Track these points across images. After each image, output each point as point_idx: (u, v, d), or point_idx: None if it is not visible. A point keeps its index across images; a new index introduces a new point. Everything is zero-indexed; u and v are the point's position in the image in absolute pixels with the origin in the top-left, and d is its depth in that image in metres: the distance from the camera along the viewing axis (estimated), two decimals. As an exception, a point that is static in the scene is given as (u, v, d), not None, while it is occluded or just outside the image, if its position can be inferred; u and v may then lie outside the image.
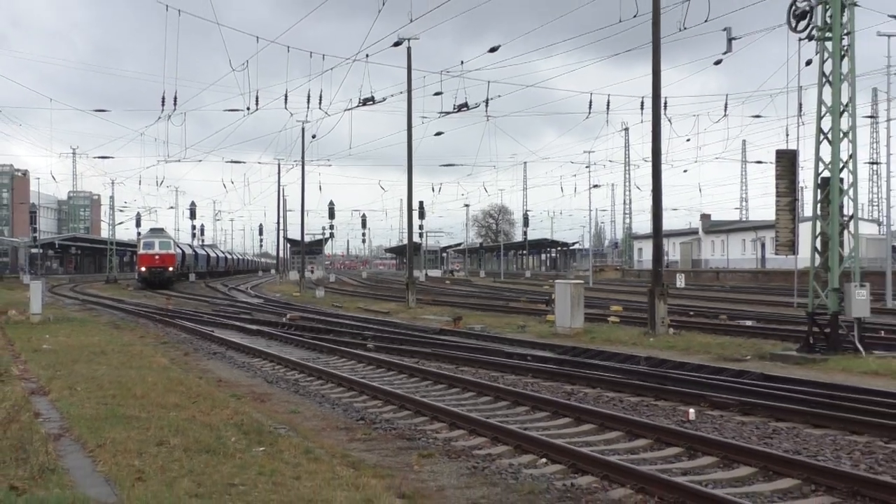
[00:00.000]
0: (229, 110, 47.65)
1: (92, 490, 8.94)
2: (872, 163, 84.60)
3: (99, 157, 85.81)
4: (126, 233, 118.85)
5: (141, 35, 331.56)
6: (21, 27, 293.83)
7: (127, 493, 8.88)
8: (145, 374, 18.33)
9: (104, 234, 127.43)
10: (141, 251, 77.98)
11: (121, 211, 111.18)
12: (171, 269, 77.10)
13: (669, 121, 40.13)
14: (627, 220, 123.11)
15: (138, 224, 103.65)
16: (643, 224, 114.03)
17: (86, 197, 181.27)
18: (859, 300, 22.35)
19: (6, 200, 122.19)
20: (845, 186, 22.65)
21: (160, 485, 9.30)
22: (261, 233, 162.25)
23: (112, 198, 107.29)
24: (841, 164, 22.46)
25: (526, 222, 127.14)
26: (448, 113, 42.99)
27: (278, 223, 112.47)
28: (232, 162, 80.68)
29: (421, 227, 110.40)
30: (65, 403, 14.54)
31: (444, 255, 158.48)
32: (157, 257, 75.83)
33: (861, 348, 21.93)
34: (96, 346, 24.70)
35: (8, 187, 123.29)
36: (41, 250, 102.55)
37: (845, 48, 22.38)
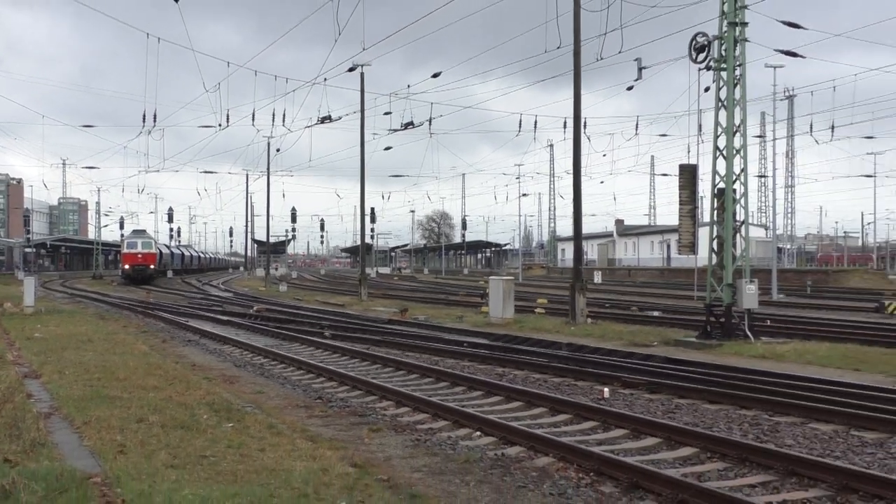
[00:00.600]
0: (203, 126, 47.03)
1: (78, 462, 8.84)
2: (761, 176, 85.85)
3: (86, 168, 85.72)
4: (110, 234, 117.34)
5: (124, 59, 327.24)
6: (15, 50, 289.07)
7: (110, 465, 8.81)
8: (127, 360, 18.13)
9: (91, 235, 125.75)
10: (125, 251, 76.10)
11: (106, 215, 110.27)
12: (152, 266, 75.34)
13: (588, 138, 40.25)
14: (552, 225, 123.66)
15: (121, 227, 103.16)
16: (566, 227, 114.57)
17: (74, 203, 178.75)
18: (749, 294, 22.68)
19: (2, 206, 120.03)
20: (738, 196, 22.96)
21: (140, 457, 9.23)
22: (231, 234, 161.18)
23: (98, 203, 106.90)
24: (734, 177, 22.76)
25: (464, 226, 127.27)
26: (396, 130, 43.00)
27: (246, 226, 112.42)
28: (205, 172, 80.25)
29: (372, 230, 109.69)
30: (54, 385, 14.39)
31: (393, 254, 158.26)
32: (139, 256, 74.10)
33: (750, 335, 22.24)
34: (83, 334, 24.39)
35: (4, 194, 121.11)
36: (34, 250, 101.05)
37: (738, 77, 22.70)
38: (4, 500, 7.23)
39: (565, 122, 44.79)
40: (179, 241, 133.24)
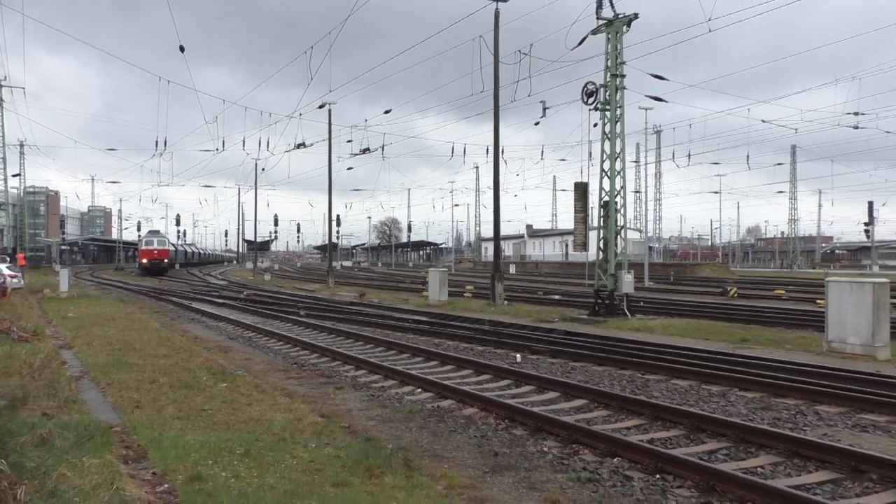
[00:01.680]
0: (203, 150, 47.08)
1: (102, 415, 8.72)
2: (636, 192, 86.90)
3: (110, 182, 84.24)
4: (130, 235, 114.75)
5: (140, 96, 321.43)
6: (50, 88, 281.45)
7: (128, 417, 8.70)
8: (142, 334, 17.83)
9: (114, 235, 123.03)
10: (143, 247, 72.81)
11: (126, 220, 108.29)
12: (166, 260, 72.35)
13: (505, 162, 40.68)
14: (478, 228, 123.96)
15: (139, 229, 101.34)
16: (488, 230, 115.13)
17: (101, 210, 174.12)
18: (627, 281, 23.03)
19: (43, 212, 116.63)
20: (619, 207, 23.26)
21: (152, 411, 9.12)
22: (226, 235, 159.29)
23: (120, 210, 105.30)
24: (616, 193, 23.06)
25: (409, 229, 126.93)
26: (356, 154, 42.59)
27: (238, 229, 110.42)
28: (205, 186, 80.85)
29: (338, 231, 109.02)
30: (83, 354, 14.15)
31: (354, 251, 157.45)
32: (156, 252, 70.94)
33: (628, 313, 22.59)
34: (107, 314, 23.92)
35: (44, 203, 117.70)
36: (68, 247, 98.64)
37: (618, 116, 22.99)
38: (42, 446, 7.11)
39: (487, 149, 45.40)
40: (185, 241, 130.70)
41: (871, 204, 70.48)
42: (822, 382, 11.37)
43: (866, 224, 71.14)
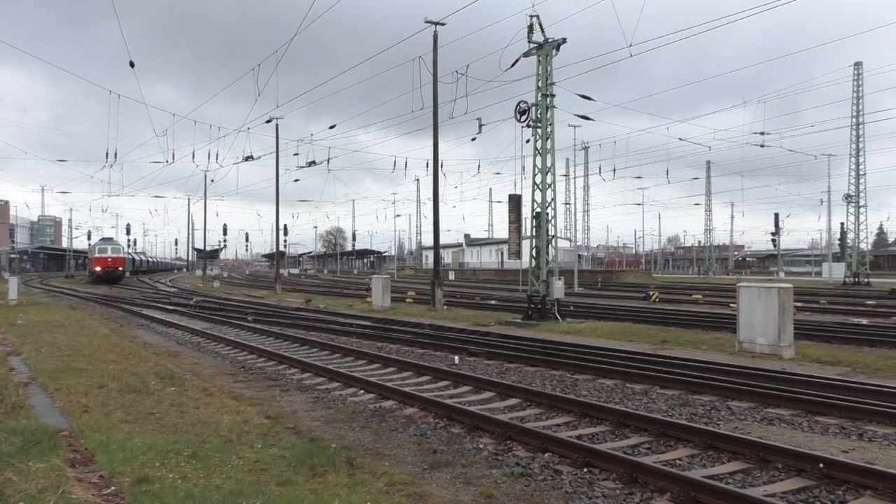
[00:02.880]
0: (154, 162, 45.93)
1: (51, 420, 8.41)
2: (566, 203, 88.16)
3: (60, 192, 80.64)
4: (79, 244, 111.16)
5: (90, 109, 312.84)
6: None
7: (76, 421, 8.41)
8: (92, 340, 17.29)
9: (64, 244, 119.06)
10: (96, 255, 67.50)
11: (76, 229, 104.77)
12: (121, 268, 67.90)
13: (444, 175, 41.00)
14: (419, 237, 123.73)
15: (89, 238, 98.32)
16: (428, 239, 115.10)
17: (50, 219, 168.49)
18: (558, 287, 23.32)
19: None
20: (550, 218, 23.55)
21: (100, 415, 8.83)
22: (176, 244, 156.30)
23: (70, 220, 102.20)
24: (547, 204, 23.34)
25: (354, 238, 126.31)
26: (302, 167, 42.24)
27: (188, 238, 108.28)
28: (155, 197, 79.41)
29: (285, 240, 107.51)
30: (32, 360, 13.63)
31: (301, 259, 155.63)
32: (110, 259, 66.40)
33: (559, 317, 22.85)
34: (57, 321, 23.13)
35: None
36: (18, 256, 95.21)
37: (549, 133, 23.31)
38: (-11, 451, 6.81)
39: (427, 163, 44.89)
40: (135, 249, 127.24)
41: (776, 215, 72.93)
42: (734, 380, 11.66)
43: (773, 234, 73.49)
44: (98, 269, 66.12)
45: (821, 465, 6.85)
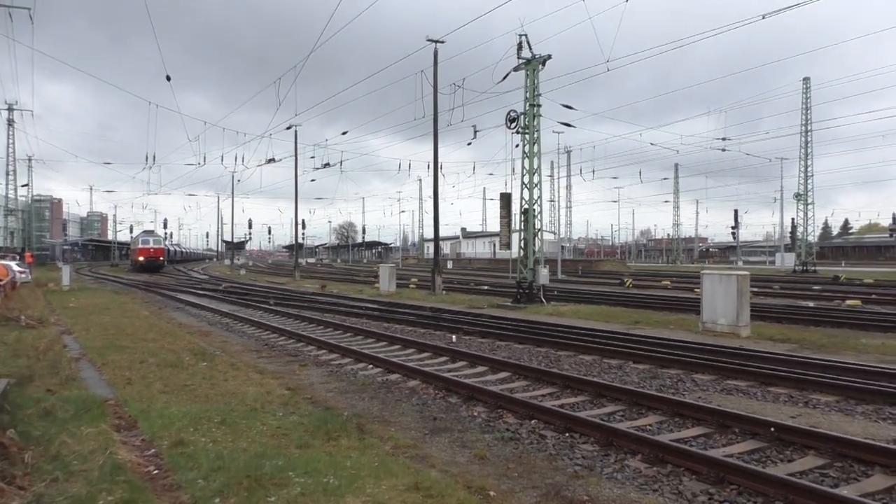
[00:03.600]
0: (188, 164, 45.57)
1: (98, 391, 8.43)
2: (551, 201, 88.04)
3: (106, 191, 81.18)
4: (123, 236, 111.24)
5: (131, 117, 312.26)
6: (51, 110, 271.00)
7: (120, 392, 8.43)
8: (133, 321, 17.28)
9: (110, 237, 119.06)
10: (139, 246, 65.71)
11: (120, 223, 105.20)
12: (161, 258, 66.17)
13: (443, 175, 41.02)
14: (421, 231, 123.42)
15: (131, 231, 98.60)
16: (430, 232, 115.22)
17: (98, 215, 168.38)
18: (543, 274, 23.32)
19: (48, 217, 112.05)
20: (536, 213, 23.55)
21: (141, 386, 8.85)
22: (207, 237, 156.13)
23: (114, 216, 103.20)
24: (534, 202, 23.34)
25: (364, 231, 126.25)
26: (318, 168, 42.10)
27: (218, 231, 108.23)
28: (189, 195, 78.27)
29: (303, 233, 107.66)
30: (82, 339, 13.65)
31: (317, 250, 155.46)
32: (152, 250, 64.64)
33: (544, 301, 22.87)
34: (103, 304, 23.12)
35: (49, 209, 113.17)
36: (69, 247, 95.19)
37: (536, 138, 23.27)
38: (46, 417, 6.87)
39: (428, 165, 44.91)
40: (171, 241, 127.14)
41: (736, 211, 72.76)
42: (698, 356, 11.68)
43: (733, 228, 73.40)
44: (141, 258, 64.97)
45: (772, 429, 6.88)
